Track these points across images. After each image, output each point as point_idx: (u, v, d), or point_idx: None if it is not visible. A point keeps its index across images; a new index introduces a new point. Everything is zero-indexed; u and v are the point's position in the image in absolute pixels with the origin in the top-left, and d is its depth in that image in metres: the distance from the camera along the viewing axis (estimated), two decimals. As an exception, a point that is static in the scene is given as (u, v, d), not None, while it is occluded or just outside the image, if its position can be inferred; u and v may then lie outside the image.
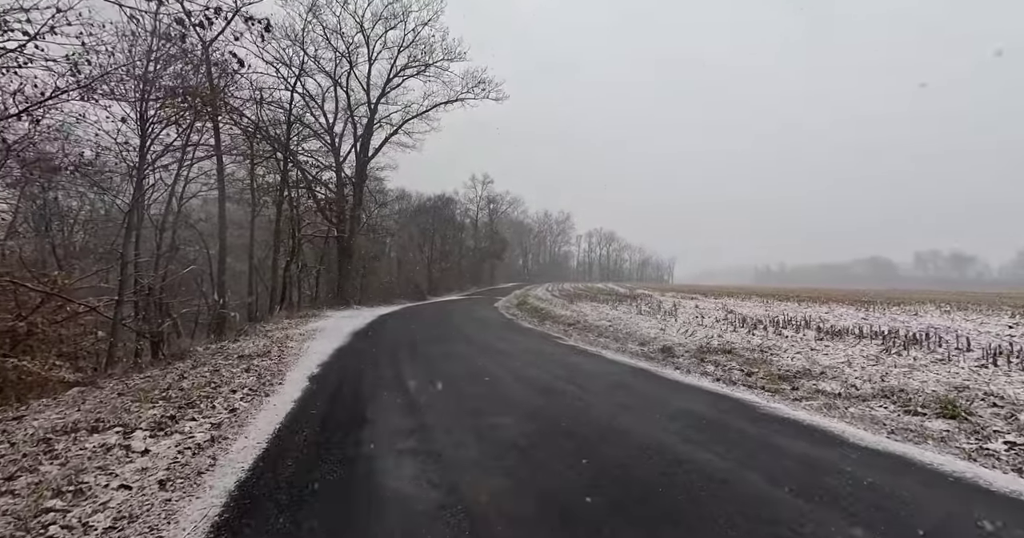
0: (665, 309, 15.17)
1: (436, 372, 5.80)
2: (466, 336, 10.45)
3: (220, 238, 15.32)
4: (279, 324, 12.92)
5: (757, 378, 6.11)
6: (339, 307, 22.37)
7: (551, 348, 8.45)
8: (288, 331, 10.91)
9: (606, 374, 5.98)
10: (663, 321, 12.30)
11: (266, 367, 6.19)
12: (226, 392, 4.74)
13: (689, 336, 9.64)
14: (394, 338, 9.89)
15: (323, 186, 21.15)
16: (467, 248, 53.98)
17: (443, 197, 45.59)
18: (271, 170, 18.59)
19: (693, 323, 11.50)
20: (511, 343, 9.09)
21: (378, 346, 8.60)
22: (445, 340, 9.37)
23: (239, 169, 18.17)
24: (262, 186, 18.33)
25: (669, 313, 13.83)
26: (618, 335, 10.85)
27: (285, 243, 22.31)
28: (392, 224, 32.82)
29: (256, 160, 18.00)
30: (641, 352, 8.55)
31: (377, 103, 24.48)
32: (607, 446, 3.30)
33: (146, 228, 13.12)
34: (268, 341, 8.82)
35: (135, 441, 3.14)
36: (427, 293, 34.17)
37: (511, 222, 73.59)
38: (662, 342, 9.19)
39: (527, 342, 9.36)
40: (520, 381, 5.34)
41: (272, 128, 18.32)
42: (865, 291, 38.20)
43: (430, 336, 10.27)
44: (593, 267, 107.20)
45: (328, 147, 23.91)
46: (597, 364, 6.83)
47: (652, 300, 19.74)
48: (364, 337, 10.12)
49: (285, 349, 7.99)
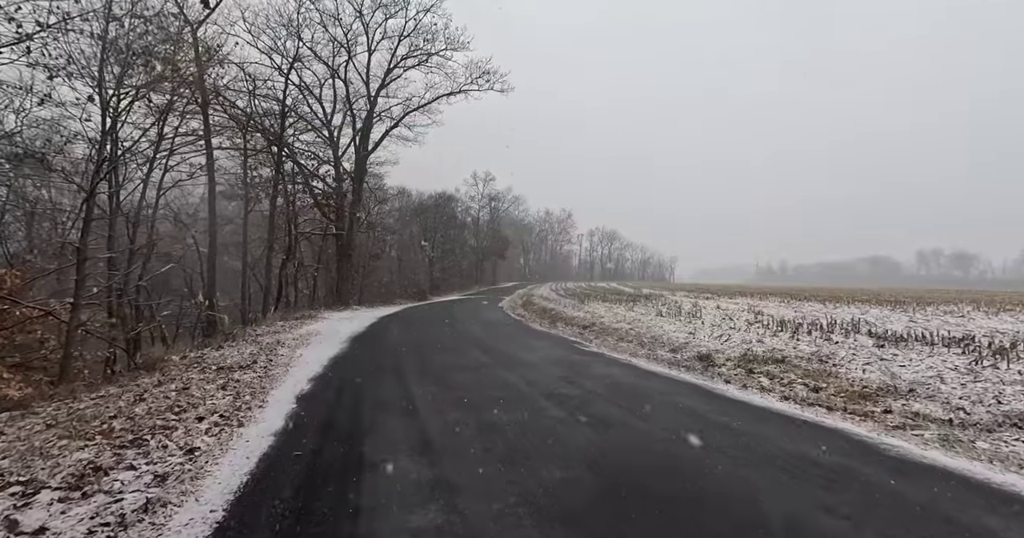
0: (684, 310, 14.19)
1: (451, 392, 4.80)
2: (478, 341, 9.47)
3: (210, 234, 14.34)
4: (272, 327, 11.94)
5: (827, 395, 5.13)
6: (337, 308, 21.39)
7: (577, 357, 7.46)
8: (280, 335, 9.93)
9: (652, 392, 5.00)
10: (687, 324, 11.32)
11: (248, 383, 5.21)
12: (190, 421, 3.75)
13: (724, 341, 8.66)
14: (397, 344, 8.90)
15: (320, 180, 20.12)
16: (468, 247, 52.98)
17: (444, 195, 44.63)
18: (265, 163, 17.58)
19: (723, 326, 10.51)
20: (530, 350, 8.11)
21: (380, 355, 7.62)
22: (455, 347, 8.38)
23: (231, 161, 17.18)
24: (255, 180, 17.33)
25: (691, 315, 12.85)
26: (642, 339, 9.88)
27: (281, 240, 21.34)
28: (392, 222, 31.83)
29: (249, 153, 17.00)
30: (674, 360, 7.58)
31: (377, 95, 23.48)
32: (724, 523, 2.30)
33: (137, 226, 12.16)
34: (256, 348, 7.83)
35: (31, 512, 2.17)
36: (428, 293, 33.19)
37: (512, 220, 72.56)
38: (696, 348, 8.22)
39: (548, 349, 8.37)
40: (560, 405, 4.34)
41: (267, 119, 17.32)
42: (878, 290, 37.23)
43: (438, 342, 9.28)
44: (595, 266, 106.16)
45: (326, 140, 22.92)
46: (635, 377, 5.85)
47: (666, 300, 18.75)
48: (364, 343, 9.13)
49: (274, 358, 7.01)
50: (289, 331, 10.98)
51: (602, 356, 7.70)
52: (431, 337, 10.21)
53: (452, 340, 9.50)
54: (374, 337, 10.10)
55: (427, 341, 9.31)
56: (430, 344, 8.86)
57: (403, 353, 7.61)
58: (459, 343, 8.99)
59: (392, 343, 9.11)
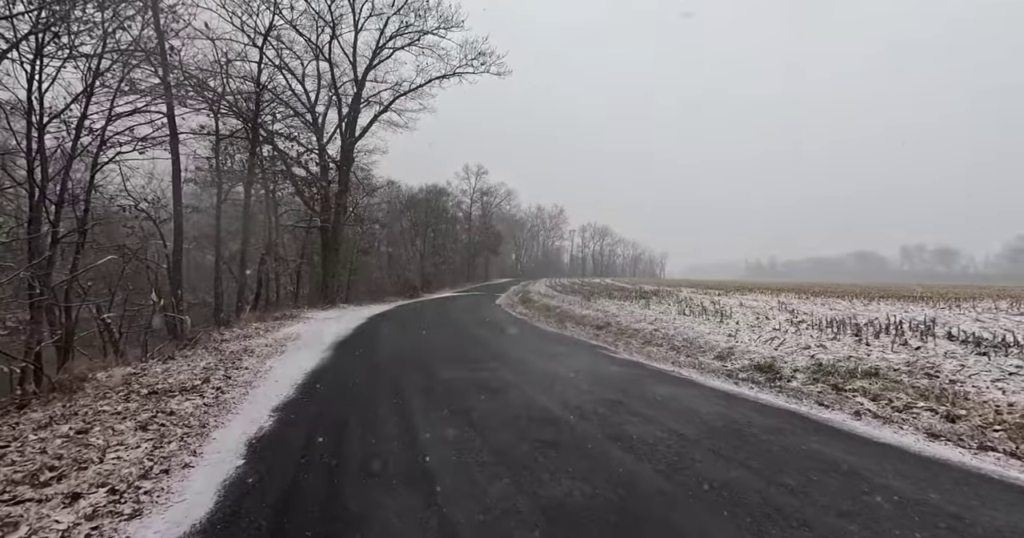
0: (706, 308, 12.90)
1: (477, 434, 3.35)
2: (486, 346, 8.03)
3: (175, 223, 12.66)
4: (245, 329, 10.36)
5: (974, 427, 3.82)
6: (323, 306, 19.76)
7: (614, 368, 6.07)
8: (251, 341, 8.38)
9: (754, 429, 3.61)
10: (718, 324, 10.01)
11: (185, 417, 3.72)
12: (53, 504, 2.27)
13: (778, 346, 7.35)
14: (392, 352, 7.42)
15: (302, 167, 18.39)
16: (460, 242, 51.37)
17: (435, 188, 43.03)
18: (241, 148, 15.85)
19: (763, 327, 9.22)
20: (552, 358, 6.69)
21: (370, 367, 6.14)
22: (462, 355, 6.92)
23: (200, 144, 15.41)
24: (228, 166, 15.61)
25: (718, 313, 11.55)
26: (674, 343, 8.54)
27: (261, 233, 19.63)
28: (382, 215, 30.15)
29: (221, 136, 15.27)
30: (726, 370, 6.26)
31: (364, 77, 21.77)
32: None
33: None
34: (215, 359, 6.30)
35: None
36: (420, 290, 31.63)
37: (503, 216, 70.97)
38: (747, 355, 6.89)
39: (572, 356, 6.97)
40: (646, 460, 2.84)
41: (242, 100, 15.57)
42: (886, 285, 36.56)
43: (439, 347, 7.82)
44: (587, 262, 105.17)
45: (309, 126, 21.16)
46: (707, 400, 4.46)
47: (680, 297, 17.48)
48: (351, 350, 7.64)
49: (234, 374, 5.50)
50: (263, 335, 9.43)
51: (643, 367, 6.32)
52: (430, 341, 8.74)
53: (456, 345, 8.05)
54: (363, 342, 8.61)
55: (426, 347, 7.84)
56: (431, 351, 7.39)
57: (400, 365, 6.15)
58: (466, 349, 7.53)
59: (385, 350, 7.63)
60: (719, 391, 4.83)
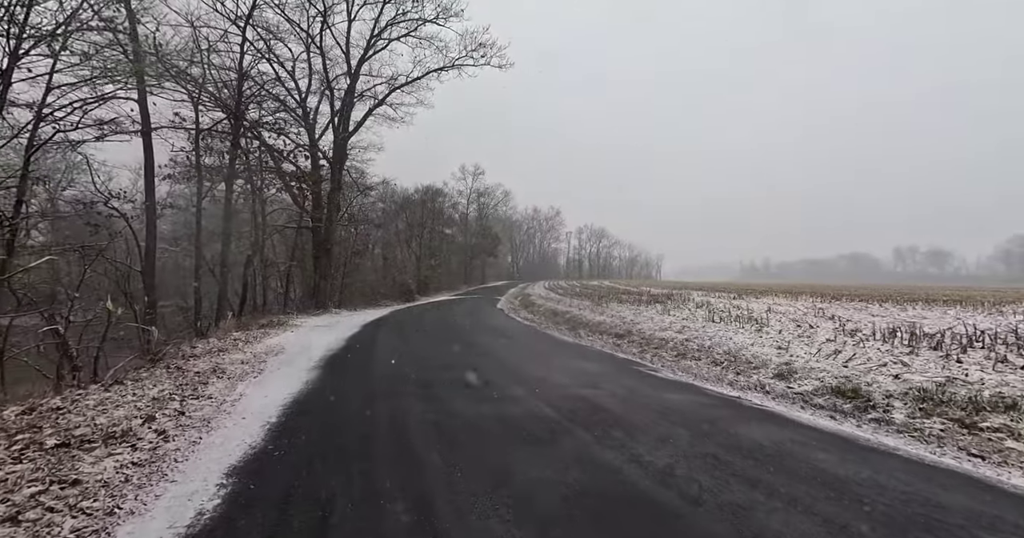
0: (732, 314, 11.80)
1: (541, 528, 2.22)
2: (504, 363, 6.85)
3: (147, 221, 11.43)
4: (222, 341, 9.11)
5: None
6: (314, 312, 18.50)
7: (672, 395, 4.90)
8: (225, 356, 7.15)
9: (919, 501, 2.49)
10: (757, 333, 8.90)
11: (93, 491, 2.53)
12: None
13: (847, 363, 6.24)
14: (392, 372, 6.20)
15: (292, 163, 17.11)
16: (457, 244, 50.13)
17: (431, 188, 41.79)
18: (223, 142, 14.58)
19: (812, 338, 8.11)
20: (586, 379, 5.52)
21: (367, 395, 4.93)
22: (480, 378, 5.71)
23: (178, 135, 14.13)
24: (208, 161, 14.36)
25: (752, 321, 10.44)
26: (715, 357, 7.43)
27: (250, 234, 18.35)
28: (377, 215, 28.90)
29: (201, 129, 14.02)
30: (794, 394, 5.17)
31: (358, 68, 20.58)
32: None
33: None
34: (173, 385, 5.07)
35: None
36: (416, 293, 30.40)
37: (499, 217, 69.88)
38: (815, 375, 5.78)
39: (608, 376, 5.81)
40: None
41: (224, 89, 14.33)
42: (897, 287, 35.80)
43: (450, 366, 6.62)
44: (583, 264, 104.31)
45: (299, 121, 19.91)
46: (821, 450, 3.30)
47: (697, 301, 16.39)
48: (343, 371, 6.43)
49: (191, 407, 4.29)
50: (242, 347, 8.20)
51: (702, 392, 5.17)
52: (437, 357, 7.54)
53: (466, 362, 6.85)
54: (357, 358, 7.39)
55: (434, 365, 6.64)
56: (438, 370, 6.20)
57: (402, 392, 4.95)
58: (478, 367, 6.35)
59: (383, 369, 6.41)
60: (826, 433, 3.68)
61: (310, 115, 20.72)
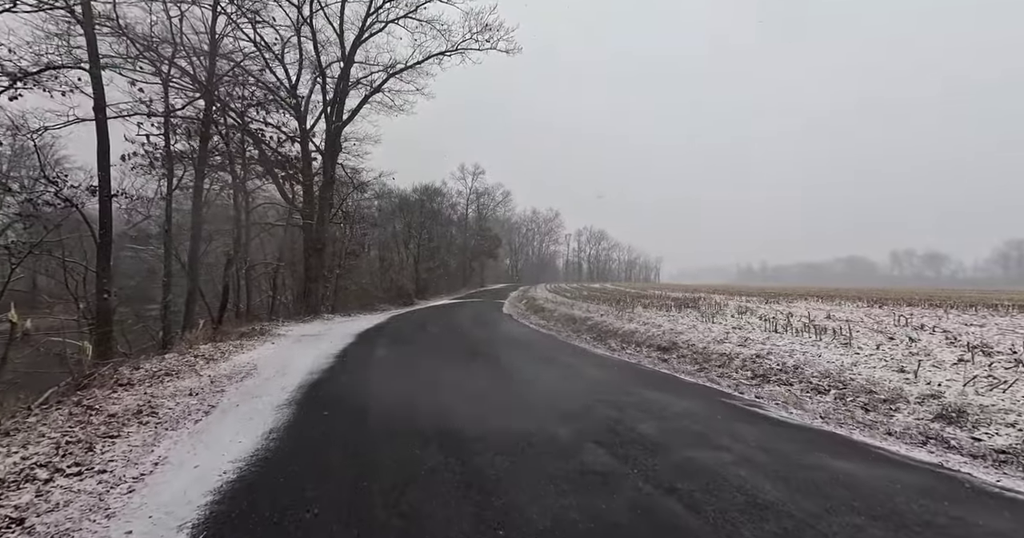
0: (789, 321, 10.11)
1: None
2: (547, 396, 5.05)
3: (100, 214, 9.64)
4: (182, 357, 7.30)
5: None
6: (304, 318, 16.67)
7: (835, 460, 3.15)
8: (167, 385, 5.35)
9: None
10: (846, 349, 7.18)
11: None
12: None
13: (1006, 392, 4.54)
14: (399, 418, 4.29)
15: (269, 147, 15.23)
16: (456, 246, 48.35)
17: (430, 188, 40.07)
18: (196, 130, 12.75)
19: (934, 358, 6.40)
20: (670, 425, 3.78)
21: (360, 472, 3.09)
22: (522, 422, 3.93)
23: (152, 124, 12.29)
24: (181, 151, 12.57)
25: (824, 331, 8.74)
26: (813, 382, 5.74)
27: (232, 231, 16.51)
28: (374, 213, 27.10)
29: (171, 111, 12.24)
30: (993, 451, 3.46)
31: (353, 52, 18.86)
32: None
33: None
34: (52, 444, 3.26)
35: None
36: (414, 296, 28.60)
37: (498, 219, 68.20)
38: (1007, 420, 4.06)
39: (722, 427, 4.05)
40: None
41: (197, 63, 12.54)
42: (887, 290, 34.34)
43: (471, 398, 4.85)
44: (582, 267, 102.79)
45: (288, 109, 18.11)
46: None
47: (736, 306, 14.70)
48: (324, 405, 4.63)
49: (42, 508, 2.48)
50: (200, 369, 6.39)
51: (854, 446, 3.45)
52: (457, 386, 5.74)
53: (499, 396, 5.08)
54: (348, 388, 5.58)
55: (456, 401, 4.84)
56: (468, 412, 4.41)
57: (425, 469, 3.10)
58: (510, 403, 4.59)
59: (385, 409, 4.58)
60: None
61: (301, 104, 18.97)
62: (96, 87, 9.62)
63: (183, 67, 12.24)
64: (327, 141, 18.98)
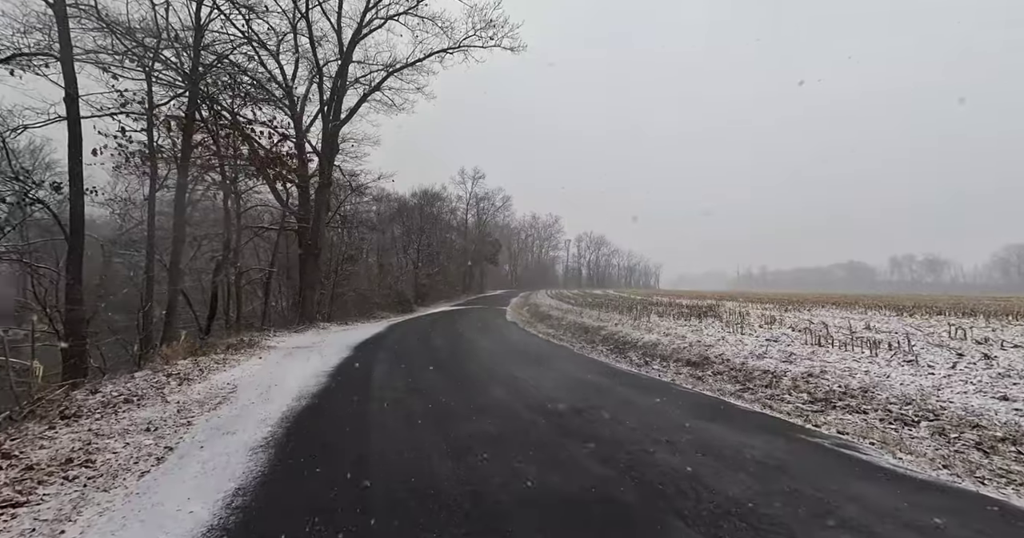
0: (826, 332, 9.22)
1: None
2: (592, 430, 4.12)
3: (71, 215, 8.77)
4: (153, 377, 6.36)
5: None
6: (298, 327, 15.72)
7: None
8: (120, 418, 4.40)
9: None
10: (912, 366, 6.30)
11: None
12: None
13: None
14: (408, 473, 3.34)
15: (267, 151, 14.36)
16: (456, 251, 47.43)
17: (429, 192, 39.28)
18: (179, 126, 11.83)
19: (1015, 377, 5.51)
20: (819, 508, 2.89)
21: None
22: (577, 478, 3.05)
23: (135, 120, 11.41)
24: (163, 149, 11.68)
25: (877, 344, 7.85)
26: (893, 410, 4.84)
27: (223, 235, 15.59)
28: (372, 217, 26.21)
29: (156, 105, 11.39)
30: None
31: (351, 48, 18.07)
32: None
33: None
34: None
35: None
36: (414, 303, 27.65)
37: (497, 224, 67.32)
38: None
39: (796, 473, 3.15)
40: None
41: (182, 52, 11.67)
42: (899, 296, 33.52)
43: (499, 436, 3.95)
44: (582, 273, 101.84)
45: (284, 109, 17.28)
46: None
47: (759, 315, 13.82)
48: (311, 452, 3.70)
49: None
50: (168, 393, 5.46)
51: (1017, 514, 2.53)
52: (466, 411, 4.81)
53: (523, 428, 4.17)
54: (342, 421, 4.65)
55: (477, 442, 3.90)
56: (483, 447, 3.49)
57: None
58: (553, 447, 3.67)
59: (390, 454, 3.64)
60: None
61: (297, 103, 18.15)
62: (67, 74, 8.75)
63: (168, 59, 11.38)
64: (324, 141, 18.14)
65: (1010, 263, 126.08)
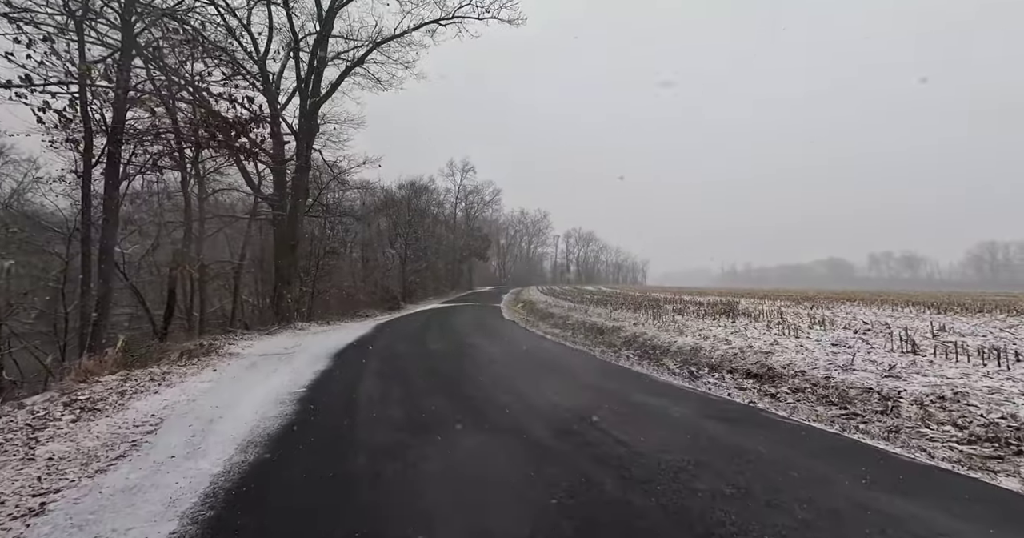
0: (905, 337, 7.82)
1: None
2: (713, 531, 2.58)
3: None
4: (51, 403, 4.55)
5: None
6: (271, 328, 13.84)
7: None
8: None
9: None
10: (988, 380, 4.87)
11: None
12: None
13: None
14: None
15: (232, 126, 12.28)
16: (444, 246, 45.50)
17: (416, 184, 37.27)
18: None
19: None
20: None
21: None
22: None
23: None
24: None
25: (948, 352, 6.44)
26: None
27: (183, 223, 13.58)
28: (357, 206, 24.23)
29: (89, 65, 9.40)
30: None
31: (331, 15, 16.08)
32: None
33: None
34: None
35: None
36: (401, 300, 25.82)
37: (486, 219, 65.49)
38: None
39: None
40: None
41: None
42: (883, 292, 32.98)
43: (545, 511, 2.30)
44: (570, 269, 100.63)
45: (253, 80, 15.22)
46: None
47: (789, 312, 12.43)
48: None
49: None
50: (57, 431, 3.68)
51: None
52: (535, 483, 3.16)
53: (573, 488, 2.54)
54: (314, 496, 2.96)
55: (503, 510, 2.26)
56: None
57: None
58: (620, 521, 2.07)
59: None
60: None
61: (271, 79, 16.12)
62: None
63: (96, 8, 9.37)
64: (302, 119, 16.17)
65: (983, 260, 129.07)
